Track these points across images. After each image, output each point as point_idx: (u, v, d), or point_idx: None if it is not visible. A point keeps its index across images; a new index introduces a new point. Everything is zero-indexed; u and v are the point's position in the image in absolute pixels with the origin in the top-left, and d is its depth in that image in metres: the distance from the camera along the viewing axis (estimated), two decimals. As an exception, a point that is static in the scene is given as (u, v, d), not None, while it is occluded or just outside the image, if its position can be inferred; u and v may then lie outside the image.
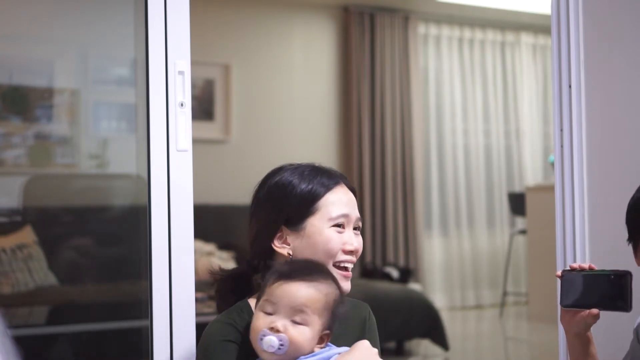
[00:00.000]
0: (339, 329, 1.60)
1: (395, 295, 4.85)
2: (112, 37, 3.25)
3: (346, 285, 1.57)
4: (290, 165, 1.65)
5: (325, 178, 1.60)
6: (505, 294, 6.44)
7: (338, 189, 1.60)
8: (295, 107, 6.13)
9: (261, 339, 1.41)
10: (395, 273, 5.75)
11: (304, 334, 1.41)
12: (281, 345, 1.40)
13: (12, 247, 3.34)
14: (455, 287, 6.71)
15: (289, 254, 1.57)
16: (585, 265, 1.59)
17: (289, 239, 1.57)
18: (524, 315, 6.27)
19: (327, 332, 1.47)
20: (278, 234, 1.58)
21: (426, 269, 6.55)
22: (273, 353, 1.40)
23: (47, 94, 3.65)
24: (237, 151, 5.77)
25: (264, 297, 1.46)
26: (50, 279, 3.40)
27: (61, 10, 3.37)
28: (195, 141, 2.01)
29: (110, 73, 3.90)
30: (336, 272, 1.56)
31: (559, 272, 1.63)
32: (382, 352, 1.64)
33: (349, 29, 6.32)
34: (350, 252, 1.58)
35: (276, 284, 1.45)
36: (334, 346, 1.51)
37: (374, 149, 6.33)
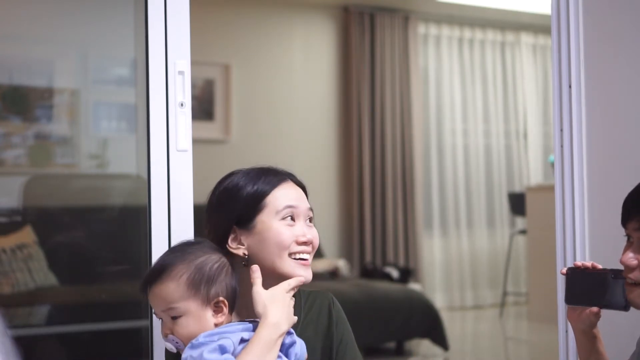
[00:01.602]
0: (305, 318, 1.64)
1: (395, 295, 4.85)
2: (112, 37, 3.25)
3: (306, 273, 1.58)
4: (240, 170, 1.67)
5: (271, 176, 1.62)
6: (505, 294, 6.44)
7: (284, 185, 1.62)
8: (295, 107, 6.13)
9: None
10: (395, 273, 5.75)
11: (183, 325, 1.45)
12: (176, 343, 1.46)
13: (12, 247, 3.34)
14: (455, 287, 6.71)
15: (245, 253, 1.58)
16: (588, 264, 1.62)
17: (242, 239, 1.59)
18: (524, 315, 6.27)
19: (218, 299, 1.47)
20: (231, 236, 1.59)
21: (426, 269, 6.55)
22: (182, 351, 1.45)
23: (47, 94, 3.65)
24: (237, 151, 5.77)
25: None
26: (50, 279, 3.39)
27: (61, 10, 3.37)
28: (195, 141, 2.02)
29: (110, 73, 3.90)
30: (293, 262, 1.57)
31: (564, 270, 1.65)
32: (382, 352, 1.65)
33: (349, 29, 6.32)
34: (304, 243, 1.59)
35: (148, 296, 1.50)
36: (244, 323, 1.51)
37: (374, 149, 6.33)
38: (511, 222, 6.95)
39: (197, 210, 1.98)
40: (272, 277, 1.56)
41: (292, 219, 1.59)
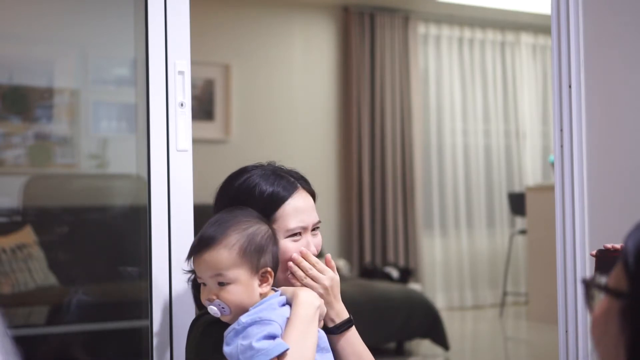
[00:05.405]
0: None
1: (395, 295, 4.85)
2: (112, 37, 3.25)
3: None
4: (254, 166, 1.66)
5: (285, 182, 1.62)
6: (505, 294, 6.44)
7: (296, 196, 1.62)
8: (295, 107, 6.13)
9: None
10: (395, 273, 5.75)
11: (232, 291, 1.47)
12: (222, 309, 1.47)
13: (12, 247, 3.34)
14: (455, 287, 6.71)
15: None
16: (618, 245, 1.62)
17: None
18: (523, 315, 6.27)
19: (265, 269, 1.50)
20: None
21: (426, 269, 6.55)
22: (225, 316, 1.48)
23: (47, 94, 3.65)
24: (237, 151, 5.77)
25: None
26: (50, 279, 3.40)
27: (61, 10, 3.37)
28: (195, 141, 2.02)
29: (110, 73, 3.90)
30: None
31: (593, 252, 1.65)
32: (382, 352, 1.66)
33: (349, 29, 6.32)
34: None
35: (194, 261, 1.51)
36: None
37: (374, 149, 6.33)
38: (511, 222, 6.95)
39: (197, 210, 1.98)
40: (281, 285, 1.58)
41: (300, 234, 1.61)
